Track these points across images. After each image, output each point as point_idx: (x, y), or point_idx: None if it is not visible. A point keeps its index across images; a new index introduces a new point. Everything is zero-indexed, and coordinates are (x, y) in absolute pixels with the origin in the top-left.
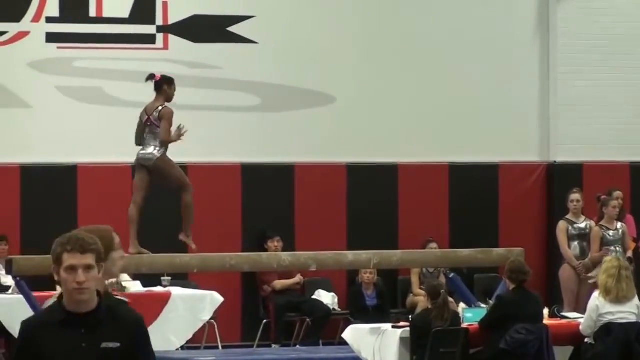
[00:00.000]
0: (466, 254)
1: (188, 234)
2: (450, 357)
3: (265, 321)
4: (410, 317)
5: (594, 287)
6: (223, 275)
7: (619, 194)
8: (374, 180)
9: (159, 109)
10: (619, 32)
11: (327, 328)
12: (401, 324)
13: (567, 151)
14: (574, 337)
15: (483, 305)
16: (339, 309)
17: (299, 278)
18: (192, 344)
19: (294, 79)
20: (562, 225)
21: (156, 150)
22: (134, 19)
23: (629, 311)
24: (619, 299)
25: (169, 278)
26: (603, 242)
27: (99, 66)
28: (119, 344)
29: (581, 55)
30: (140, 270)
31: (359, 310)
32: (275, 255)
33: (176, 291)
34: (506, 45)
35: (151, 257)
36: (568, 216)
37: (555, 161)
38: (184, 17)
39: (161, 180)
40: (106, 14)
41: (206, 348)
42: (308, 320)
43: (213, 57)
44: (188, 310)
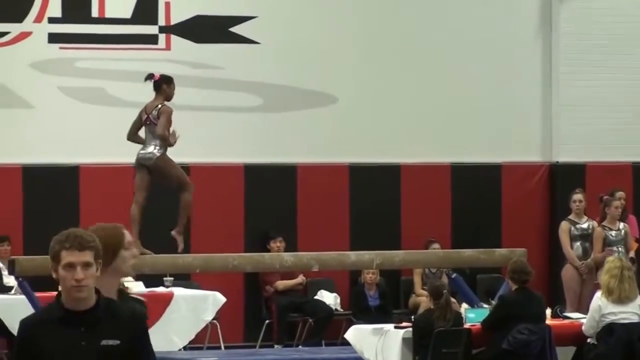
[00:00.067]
0: (468, 254)
1: (180, 231)
2: (453, 357)
3: (267, 321)
4: (413, 317)
5: (596, 287)
6: (225, 275)
7: (621, 194)
8: (376, 180)
9: (158, 107)
10: (621, 32)
11: (329, 328)
12: (404, 324)
13: (570, 151)
14: (576, 337)
15: (485, 306)
16: (342, 310)
17: (301, 278)
18: (195, 344)
19: (296, 79)
20: (564, 225)
21: (156, 150)
22: (136, 19)
23: (631, 311)
24: (621, 299)
25: (172, 278)
26: (605, 243)
27: (101, 66)
28: (118, 342)
29: (584, 55)
30: (143, 270)
31: (361, 310)
32: (278, 256)
33: (178, 291)
34: (508, 45)
35: (153, 258)
36: (570, 216)
37: (558, 161)
38: (186, 18)
39: (162, 180)
40: (108, 14)
41: (209, 348)
42: (310, 320)
43: (215, 58)
44: (190, 311)
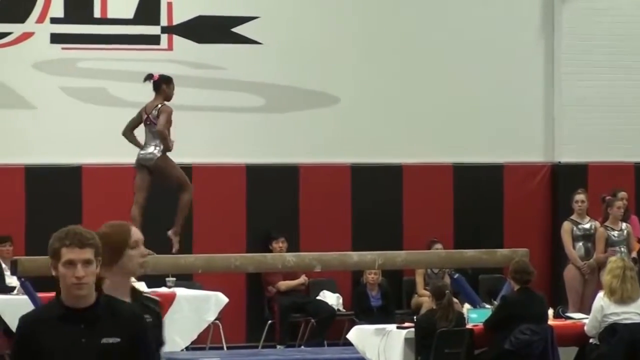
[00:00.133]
0: (471, 254)
1: (177, 232)
2: (455, 357)
3: (269, 322)
4: (415, 317)
5: (599, 287)
6: (228, 276)
7: (623, 194)
8: (378, 180)
9: (158, 107)
10: (624, 32)
11: (331, 329)
12: (406, 324)
13: (572, 151)
14: (578, 337)
15: (488, 306)
16: (344, 310)
17: (303, 279)
18: (197, 344)
19: (298, 79)
20: (566, 225)
21: (156, 150)
22: (138, 19)
23: (633, 312)
24: (623, 299)
25: (174, 279)
26: (608, 243)
27: (103, 67)
28: (119, 339)
29: (586, 55)
30: (145, 271)
31: (363, 311)
32: (280, 256)
33: (181, 292)
34: (511, 45)
35: (155, 258)
36: (573, 217)
37: (560, 162)
38: (189, 18)
39: (162, 180)
40: (110, 14)
41: (211, 349)
42: (313, 321)
43: (217, 58)
44: (193, 311)
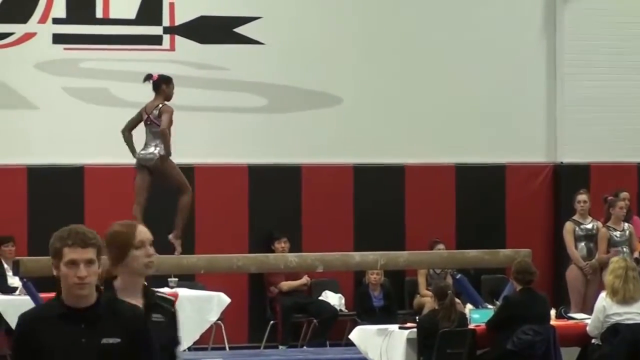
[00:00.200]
0: (473, 254)
1: (178, 235)
2: (457, 358)
3: (272, 322)
4: (417, 318)
5: (601, 287)
6: (230, 276)
7: (625, 194)
8: (380, 181)
9: (159, 107)
10: (626, 32)
11: (334, 329)
12: (408, 325)
13: (574, 152)
14: (581, 338)
15: (490, 306)
16: (346, 310)
17: (305, 279)
18: (199, 345)
19: (301, 79)
20: (568, 226)
21: (157, 150)
22: (140, 20)
23: (636, 312)
24: (625, 299)
25: (176, 279)
26: (610, 243)
27: (105, 67)
28: (119, 340)
29: (588, 55)
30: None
31: (365, 311)
32: (282, 257)
33: (183, 292)
34: (513, 45)
35: (158, 259)
36: (575, 217)
37: (562, 162)
38: (191, 18)
39: (162, 180)
40: (113, 15)
41: (213, 349)
42: (315, 321)
43: (219, 58)
44: (195, 312)
